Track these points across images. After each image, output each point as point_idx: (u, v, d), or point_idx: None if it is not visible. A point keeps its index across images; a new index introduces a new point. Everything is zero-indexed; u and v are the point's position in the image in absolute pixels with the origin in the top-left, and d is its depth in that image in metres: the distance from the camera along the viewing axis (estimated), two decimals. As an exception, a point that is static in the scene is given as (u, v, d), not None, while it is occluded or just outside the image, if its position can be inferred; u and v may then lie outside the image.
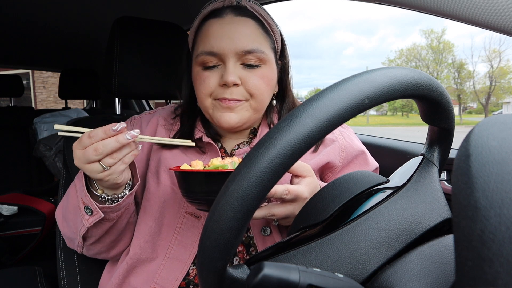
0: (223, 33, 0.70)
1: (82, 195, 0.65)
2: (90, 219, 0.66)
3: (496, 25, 0.54)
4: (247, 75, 0.72)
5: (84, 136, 0.58)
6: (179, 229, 0.75)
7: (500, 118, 0.31)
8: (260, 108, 0.76)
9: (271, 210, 0.63)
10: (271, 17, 0.76)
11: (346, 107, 0.34)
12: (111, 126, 0.57)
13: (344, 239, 0.42)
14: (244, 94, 0.73)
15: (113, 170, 0.59)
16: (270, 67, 0.75)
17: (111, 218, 0.68)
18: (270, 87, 0.76)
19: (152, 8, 1.54)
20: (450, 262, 0.39)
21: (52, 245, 1.01)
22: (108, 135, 0.57)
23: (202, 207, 0.62)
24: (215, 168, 0.61)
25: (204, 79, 0.73)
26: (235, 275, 0.38)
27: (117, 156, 0.58)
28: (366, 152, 0.86)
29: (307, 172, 0.66)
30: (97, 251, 0.77)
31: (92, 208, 0.65)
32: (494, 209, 0.24)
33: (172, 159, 0.79)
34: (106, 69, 1.01)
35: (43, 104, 12.14)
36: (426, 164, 0.51)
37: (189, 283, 0.72)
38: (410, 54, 33.27)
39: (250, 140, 0.83)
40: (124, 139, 0.57)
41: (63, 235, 0.78)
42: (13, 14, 1.58)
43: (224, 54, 0.70)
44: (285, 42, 0.82)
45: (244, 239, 0.75)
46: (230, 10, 0.72)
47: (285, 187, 0.61)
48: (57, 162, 2.34)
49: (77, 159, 0.59)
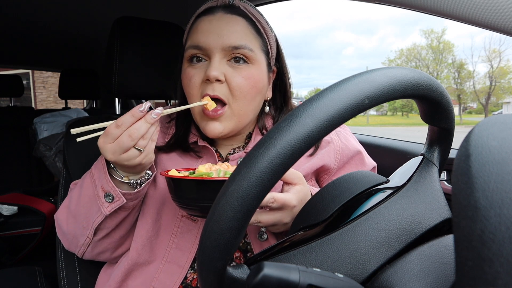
0: (211, 28, 0.71)
1: (103, 182, 0.66)
2: (110, 206, 0.67)
3: (496, 25, 0.54)
4: (232, 73, 0.71)
5: (110, 128, 0.60)
6: (176, 232, 0.75)
7: (500, 118, 0.31)
8: (243, 114, 0.74)
9: (258, 217, 0.62)
10: (265, 19, 0.76)
11: (346, 107, 0.34)
12: (137, 108, 0.60)
13: (344, 239, 0.42)
14: (226, 92, 0.71)
15: (148, 150, 0.62)
16: (258, 68, 0.73)
17: (129, 206, 0.70)
18: (256, 90, 0.74)
19: (152, 8, 1.54)
20: (450, 262, 0.39)
21: (52, 245, 1.01)
22: (136, 118, 0.60)
23: (193, 212, 0.63)
24: (199, 175, 0.62)
25: (190, 78, 0.73)
26: (235, 275, 0.38)
27: (147, 136, 0.61)
28: (363, 151, 0.86)
29: (298, 179, 0.65)
30: (103, 249, 0.77)
31: (114, 194, 0.66)
32: (494, 209, 0.24)
33: (169, 162, 0.79)
34: (106, 69, 1.01)
35: (43, 104, 12.14)
36: (426, 164, 0.51)
37: (187, 287, 0.72)
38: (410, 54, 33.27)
39: (245, 145, 0.82)
40: (151, 119, 0.61)
41: (63, 236, 0.77)
42: (13, 14, 1.58)
43: (210, 49, 0.70)
44: (281, 48, 0.81)
45: (241, 245, 0.74)
46: (221, 9, 0.73)
47: (271, 195, 0.61)
48: (57, 162, 2.34)
49: (111, 153, 0.60)
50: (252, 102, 0.74)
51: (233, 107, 0.72)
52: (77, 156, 0.97)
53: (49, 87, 12.13)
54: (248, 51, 0.71)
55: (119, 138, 0.59)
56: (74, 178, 0.93)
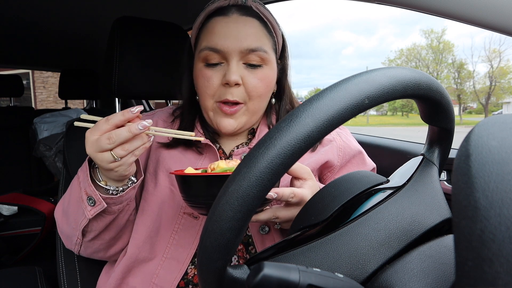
0: (228, 31, 0.71)
1: (86, 186, 0.65)
2: (92, 210, 0.66)
3: (496, 25, 0.54)
4: (248, 75, 0.73)
5: (100, 122, 0.59)
6: (177, 229, 0.75)
7: (500, 118, 0.31)
8: (257, 111, 0.77)
9: (276, 213, 0.62)
10: (274, 18, 0.77)
11: (346, 107, 0.34)
12: (130, 109, 0.58)
13: (344, 239, 0.42)
14: (243, 95, 0.73)
15: (123, 161, 0.60)
16: (271, 67, 0.76)
17: (113, 210, 0.69)
18: (269, 89, 0.77)
19: (152, 8, 1.54)
20: (450, 262, 0.39)
21: (52, 245, 1.01)
22: (126, 118, 0.58)
23: (203, 211, 0.61)
24: (222, 171, 0.59)
25: (208, 79, 0.73)
26: (235, 275, 0.38)
27: (128, 148, 0.59)
28: (364, 152, 0.87)
29: (307, 174, 0.65)
30: (95, 249, 0.77)
31: (95, 198, 0.65)
32: (494, 209, 0.24)
33: (170, 159, 0.79)
34: (106, 69, 1.01)
35: (43, 104, 12.14)
36: (426, 164, 0.51)
37: (188, 283, 0.72)
38: (410, 54, 33.28)
39: (249, 141, 0.83)
40: (135, 129, 0.58)
41: (61, 234, 0.77)
42: (13, 14, 1.58)
43: (228, 52, 0.71)
44: (286, 43, 0.83)
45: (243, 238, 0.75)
46: (235, 9, 0.73)
47: (291, 190, 0.61)
48: (57, 162, 2.34)
49: (89, 147, 0.59)
50: (265, 99, 0.78)
51: (248, 105, 0.75)
52: (77, 156, 0.97)
53: (49, 87, 12.13)
54: (263, 52, 0.72)
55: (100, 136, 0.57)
56: (73, 177, 0.93)
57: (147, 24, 1.03)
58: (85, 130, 0.61)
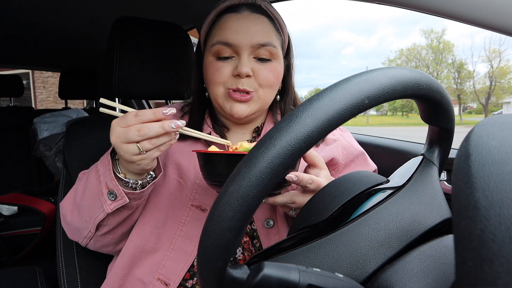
0: (239, 27, 0.74)
1: (107, 180, 0.65)
2: (112, 204, 0.66)
3: (496, 25, 0.54)
4: (259, 68, 0.75)
5: (130, 114, 0.59)
6: (185, 221, 0.75)
7: (500, 118, 0.31)
8: (267, 99, 0.79)
9: (293, 197, 0.64)
10: (281, 17, 0.81)
11: (346, 107, 0.34)
12: (161, 109, 0.59)
13: (344, 239, 0.42)
14: (254, 85, 0.76)
15: (148, 155, 0.60)
16: (279, 62, 0.79)
17: (132, 206, 0.70)
18: (278, 81, 0.80)
19: (152, 8, 1.54)
20: (450, 262, 0.39)
21: (52, 245, 1.01)
22: (156, 117, 0.58)
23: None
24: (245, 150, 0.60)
25: (218, 68, 0.75)
26: (235, 275, 0.38)
27: (155, 142, 0.59)
28: (366, 154, 0.90)
29: (323, 164, 0.68)
30: (105, 244, 0.77)
31: (117, 193, 0.65)
32: (494, 209, 0.24)
33: (179, 153, 0.80)
34: (106, 69, 1.01)
35: (43, 104, 12.13)
36: (426, 164, 0.51)
37: (194, 274, 0.73)
38: (410, 54, 33.29)
39: (254, 139, 0.84)
40: (168, 127, 0.58)
41: (67, 226, 0.77)
42: (13, 14, 1.58)
43: (239, 46, 0.74)
44: (291, 42, 0.85)
45: (248, 231, 0.76)
46: (246, 7, 0.77)
47: (310, 177, 0.62)
48: (57, 162, 2.34)
49: (115, 137, 0.59)
50: (274, 90, 0.81)
51: (259, 93, 0.77)
52: (77, 156, 0.97)
53: (49, 87, 12.12)
54: (272, 47, 0.75)
55: (130, 127, 0.58)
56: (74, 178, 0.93)
57: (147, 24, 1.03)
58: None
